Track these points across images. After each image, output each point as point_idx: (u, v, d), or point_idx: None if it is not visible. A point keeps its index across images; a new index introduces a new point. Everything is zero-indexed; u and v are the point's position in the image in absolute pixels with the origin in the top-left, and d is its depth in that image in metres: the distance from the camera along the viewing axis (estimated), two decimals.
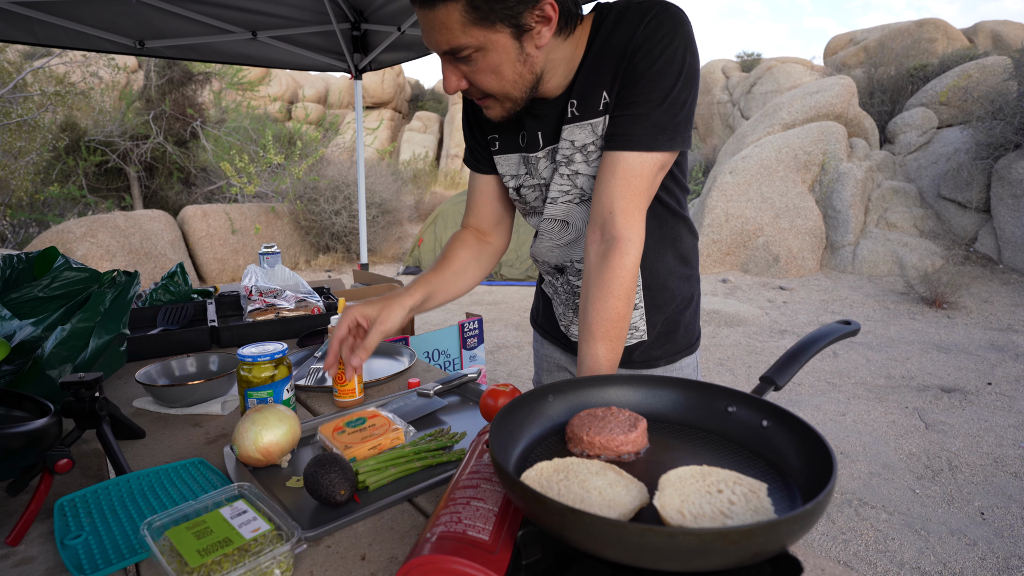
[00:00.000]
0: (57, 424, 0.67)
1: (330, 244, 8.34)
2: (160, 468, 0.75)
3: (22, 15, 2.23)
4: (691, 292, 0.97)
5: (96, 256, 6.20)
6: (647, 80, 0.74)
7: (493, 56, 0.71)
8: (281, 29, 2.84)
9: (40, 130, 8.23)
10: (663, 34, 0.74)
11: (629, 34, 0.75)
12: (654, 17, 0.74)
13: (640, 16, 0.75)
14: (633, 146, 0.76)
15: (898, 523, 2.13)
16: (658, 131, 0.76)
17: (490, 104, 0.79)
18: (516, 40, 0.71)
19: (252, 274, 1.51)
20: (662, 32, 0.74)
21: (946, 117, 7.79)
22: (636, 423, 0.61)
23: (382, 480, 0.70)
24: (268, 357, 0.85)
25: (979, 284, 5.66)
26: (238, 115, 10.37)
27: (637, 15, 0.75)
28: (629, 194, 0.76)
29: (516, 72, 0.74)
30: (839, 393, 3.38)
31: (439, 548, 0.47)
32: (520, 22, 0.69)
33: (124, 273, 1.09)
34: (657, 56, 0.74)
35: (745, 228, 6.96)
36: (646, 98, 0.75)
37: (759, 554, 0.40)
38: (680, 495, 0.49)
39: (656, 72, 0.74)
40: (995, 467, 2.51)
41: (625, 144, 0.76)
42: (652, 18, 0.74)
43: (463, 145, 1.16)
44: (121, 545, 0.60)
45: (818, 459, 0.50)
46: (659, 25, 0.74)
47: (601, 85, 0.78)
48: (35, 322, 0.96)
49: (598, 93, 0.79)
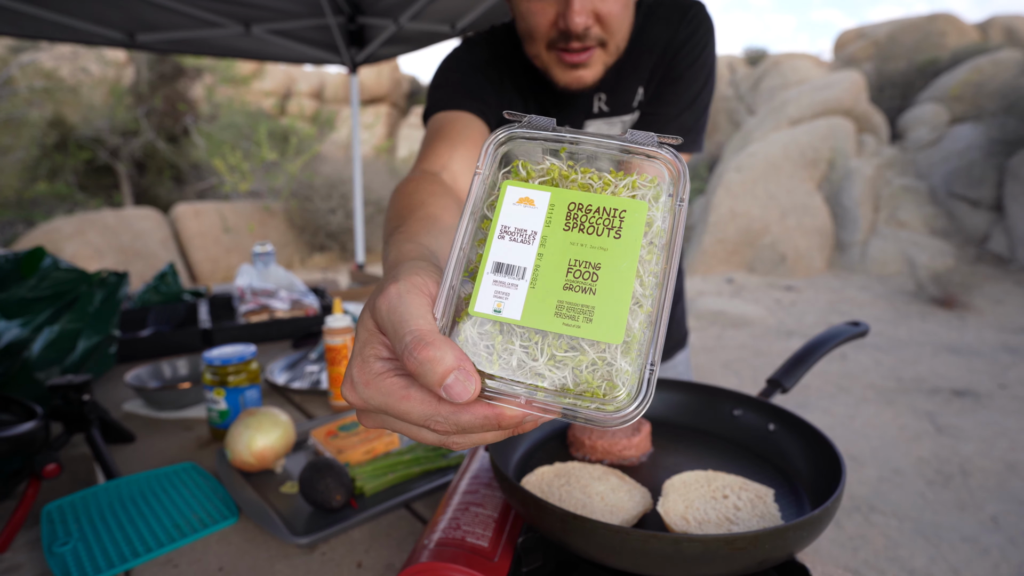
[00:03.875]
0: (45, 428, 0.66)
1: (325, 243, 8.30)
2: (151, 473, 0.74)
3: (8, 7, 2.19)
4: (680, 286, 0.98)
5: (85, 255, 6.14)
6: (685, 80, 0.74)
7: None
8: (275, 22, 2.80)
9: (27, 126, 8.14)
10: (703, 33, 0.73)
11: (671, 31, 0.74)
12: (695, 16, 0.73)
13: (681, 14, 0.74)
14: None
15: (908, 529, 2.11)
16: (684, 133, 0.75)
17: (596, 57, 0.69)
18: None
19: (245, 274, 1.49)
20: (702, 31, 0.73)
21: (958, 113, 7.76)
22: (639, 427, 0.60)
23: (379, 485, 0.69)
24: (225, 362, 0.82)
25: (991, 284, 5.66)
26: (231, 111, 10.28)
27: (677, 12, 0.74)
28: None
29: (631, 14, 0.70)
30: (848, 396, 3.37)
31: (437, 555, 0.46)
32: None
33: (113, 273, 1.07)
34: (696, 56, 0.73)
35: (751, 227, 6.96)
36: (680, 98, 0.74)
37: (765, 561, 0.39)
38: (684, 500, 0.48)
39: (693, 73, 0.74)
40: (1008, 472, 2.49)
41: None
42: (693, 16, 0.73)
43: None
44: (111, 552, 0.58)
45: (826, 464, 0.49)
46: (699, 25, 0.73)
47: (637, 81, 0.77)
48: (22, 323, 0.94)
49: (633, 89, 0.77)
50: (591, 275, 0.28)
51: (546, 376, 0.27)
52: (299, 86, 13.68)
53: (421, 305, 0.28)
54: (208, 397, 0.84)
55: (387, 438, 0.77)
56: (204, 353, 0.84)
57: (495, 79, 0.78)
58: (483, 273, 0.29)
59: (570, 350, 0.27)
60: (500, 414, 0.27)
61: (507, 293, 0.29)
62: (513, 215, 0.30)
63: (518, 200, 0.30)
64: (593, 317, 0.27)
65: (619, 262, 0.28)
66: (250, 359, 0.86)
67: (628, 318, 0.27)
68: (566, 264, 0.28)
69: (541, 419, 0.28)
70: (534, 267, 0.29)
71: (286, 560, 0.58)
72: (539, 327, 0.28)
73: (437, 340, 0.27)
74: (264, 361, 1.20)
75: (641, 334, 0.28)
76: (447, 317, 0.29)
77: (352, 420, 0.81)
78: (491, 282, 0.29)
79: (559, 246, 0.29)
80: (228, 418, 0.84)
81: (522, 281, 0.29)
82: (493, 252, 0.29)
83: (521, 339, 0.28)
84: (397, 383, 0.28)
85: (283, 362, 1.16)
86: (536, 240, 0.29)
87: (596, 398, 0.26)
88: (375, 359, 0.29)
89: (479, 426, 0.27)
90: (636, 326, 0.28)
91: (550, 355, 0.28)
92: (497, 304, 0.28)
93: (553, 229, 0.29)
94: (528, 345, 0.28)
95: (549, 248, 0.29)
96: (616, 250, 0.28)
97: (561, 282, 0.28)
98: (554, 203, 0.30)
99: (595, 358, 0.27)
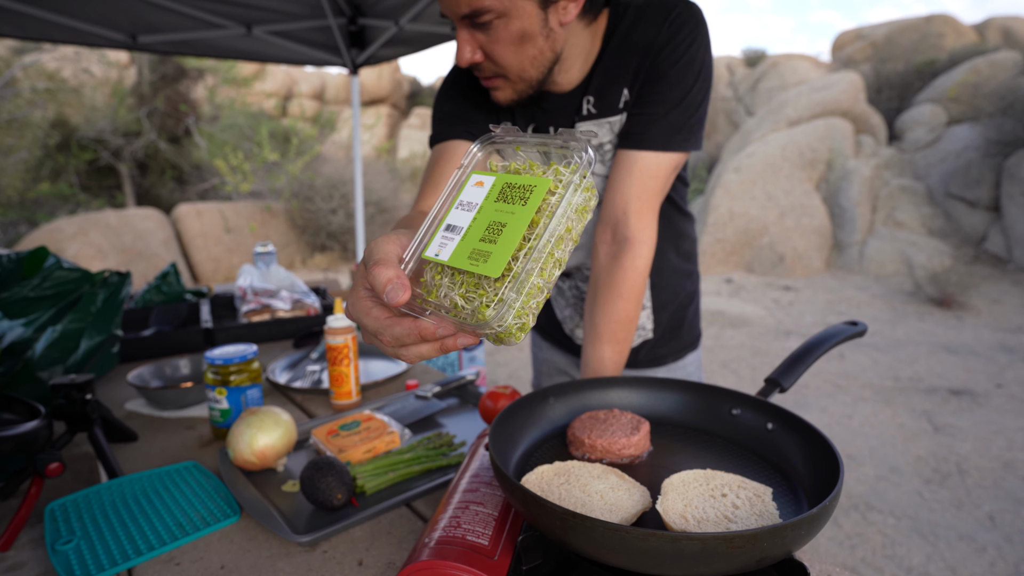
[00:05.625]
0: (48, 427, 0.66)
1: (326, 243, 8.31)
2: (153, 472, 0.74)
3: (11, 9, 2.20)
4: (693, 288, 0.97)
5: (87, 255, 6.15)
6: (669, 79, 0.74)
7: (516, 24, 0.67)
8: (276, 24, 2.81)
9: (30, 127, 8.16)
10: (687, 33, 0.73)
11: (653, 31, 0.74)
12: (679, 15, 0.73)
13: (664, 13, 0.74)
14: (651, 146, 0.75)
15: (906, 528, 2.11)
16: (675, 131, 0.75)
17: (500, 85, 0.74)
18: (542, 10, 0.68)
19: (247, 274, 1.50)
20: (686, 31, 0.73)
21: (955, 114, 7.76)
22: (639, 426, 0.60)
23: (380, 484, 0.69)
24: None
25: (989, 284, 5.66)
26: (232, 112, 10.30)
27: (661, 12, 0.74)
28: (645, 195, 0.75)
29: (537, 47, 0.70)
30: (846, 395, 3.37)
31: (438, 553, 0.46)
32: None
33: (116, 273, 1.07)
34: (680, 55, 0.73)
35: (750, 227, 6.95)
36: (665, 97, 0.74)
37: (764, 559, 0.39)
38: (683, 499, 0.48)
39: (678, 72, 0.73)
40: (1005, 471, 2.49)
41: (643, 143, 0.75)
42: (677, 16, 0.73)
43: None
44: (113, 550, 0.59)
45: (824, 463, 0.49)
46: (683, 23, 0.73)
47: (622, 82, 0.77)
48: (25, 323, 0.95)
49: (618, 90, 0.77)
50: (498, 231, 0.39)
51: (459, 304, 0.39)
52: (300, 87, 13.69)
53: (389, 246, 0.41)
54: (210, 396, 0.84)
55: (387, 438, 0.77)
56: (206, 352, 0.84)
57: (479, 101, 0.84)
58: (439, 231, 0.42)
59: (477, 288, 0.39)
60: (421, 325, 0.39)
61: (446, 244, 0.41)
62: (469, 193, 0.43)
63: (475, 183, 0.43)
64: (488, 260, 0.38)
65: (517, 222, 0.38)
66: (252, 358, 0.86)
67: (510, 260, 0.37)
68: (486, 224, 0.40)
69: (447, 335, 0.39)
70: (468, 227, 0.40)
71: (287, 558, 0.58)
72: (456, 265, 0.39)
73: (388, 263, 0.39)
74: (265, 361, 1.21)
75: (522, 273, 0.37)
76: (413, 261, 0.42)
77: (353, 419, 0.81)
78: (440, 237, 0.41)
79: (487, 212, 0.40)
80: (230, 417, 0.84)
81: (457, 236, 0.40)
82: (449, 217, 0.42)
83: (448, 277, 0.40)
84: (368, 304, 0.41)
85: (284, 361, 1.16)
86: (475, 209, 0.41)
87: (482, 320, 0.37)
88: (361, 288, 0.42)
89: (408, 336, 0.39)
90: (519, 267, 0.37)
91: (464, 289, 0.39)
92: (438, 251, 0.41)
93: (488, 201, 0.41)
94: (452, 284, 0.40)
95: (481, 214, 0.41)
96: (519, 213, 0.39)
97: (479, 236, 0.39)
98: (496, 184, 0.42)
99: (489, 292, 0.38)
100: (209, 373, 0.84)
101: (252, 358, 0.86)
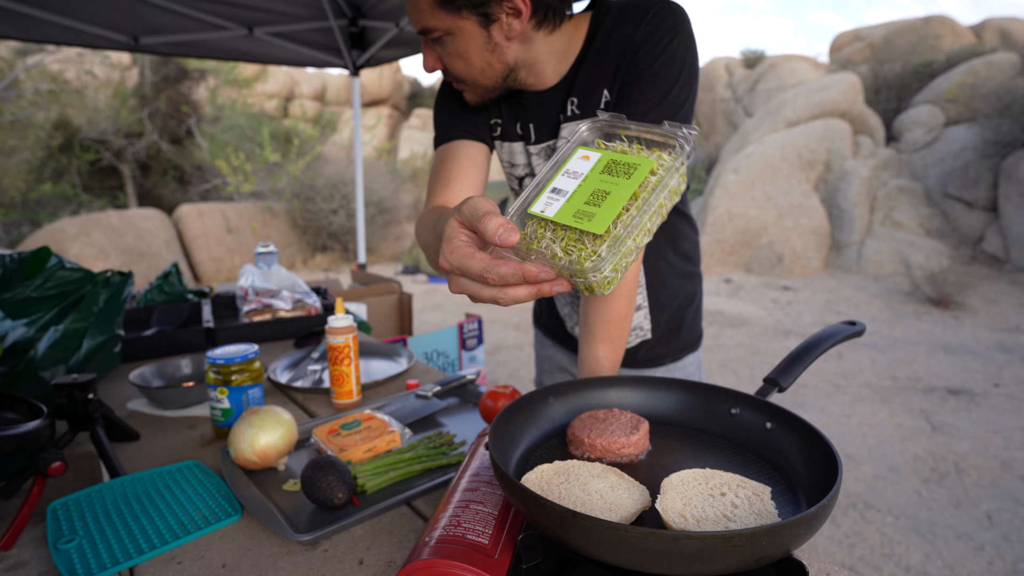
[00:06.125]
0: (50, 426, 0.66)
1: (327, 243, 8.32)
2: (155, 471, 0.74)
3: (14, 10, 2.21)
4: (694, 289, 0.97)
5: (90, 256, 6.17)
6: (647, 78, 0.74)
7: (460, 42, 0.73)
8: (277, 25, 2.82)
9: (33, 128, 8.18)
10: (664, 32, 0.73)
11: (631, 32, 0.74)
12: (656, 15, 0.73)
13: (642, 13, 0.74)
14: None
15: (904, 527, 2.11)
16: None
17: (464, 88, 0.80)
18: (483, 28, 0.72)
19: (248, 274, 1.50)
20: (663, 30, 0.73)
21: (953, 115, 7.74)
22: (638, 425, 0.60)
23: (380, 483, 0.69)
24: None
25: (986, 284, 5.65)
26: (234, 112, 10.32)
27: (638, 12, 0.74)
28: None
29: (484, 60, 0.75)
30: (844, 395, 3.37)
31: (438, 552, 0.46)
32: (486, 11, 0.70)
33: (118, 273, 1.08)
34: (658, 54, 0.73)
35: (748, 227, 6.95)
36: (646, 97, 0.74)
37: (763, 558, 0.40)
38: (683, 498, 0.48)
39: (656, 71, 0.73)
40: (1003, 470, 2.49)
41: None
42: (654, 16, 0.73)
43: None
44: (115, 549, 0.59)
45: (823, 462, 0.49)
46: (660, 23, 0.73)
47: (602, 83, 0.78)
48: (28, 323, 0.95)
49: (599, 91, 0.78)
50: (602, 197, 0.45)
51: (558, 255, 0.45)
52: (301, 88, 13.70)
53: (488, 202, 0.45)
54: (211, 396, 0.84)
55: (388, 437, 0.77)
56: (207, 352, 0.84)
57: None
58: (545, 191, 0.48)
59: (577, 243, 0.45)
60: (525, 267, 0.43)
61: (552, 203, 0.47)
62: (575, 163, 0.49)
63: (581, 156, 0.50)
64: (593, 219, 0.44)
65: (621, 192, 0.45)
66: (253, 358, 0.86)
67: (610, 224, 0.44)
68: (591, 191, 0.46)
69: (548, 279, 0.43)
70: (573, 192, 0.47)
71: (288, 557, 0.58)
72: (562, 221, 0.45)
73: (496, 212, 0.44)
74: (267, 360, 1.21)
75: (623, 234, 0.43)
76: (516, 216, 0.48)
77: (354, 418, 0.81)
78: (546, 197, 0.48)
79: (592, 181, 0.47)
80: (231, 416, 0.84)
81: (563, 198, 0.47)
82: (555, 182, 0.49)
83: (551, 231, 0.47)
84: (469, 250, 0.45)
85: (285, 361, 1.17)
86: (580, 178, 0.48)
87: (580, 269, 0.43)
88: (457, 239, 0.46)
89: (513, 276, 0.43)
90: (619, 230, 0.44)
91: (565, 243, 0.45)
92: (544, 208, 0.47)
93: (593, 172, 0.48)
94: (554, 237, 0.46)
95: (586, 182, 0.47)
96: (623, 185, 0.45)
97: (584, 200, 0.46)
98: (602, 159, 0.49)
99: (588, 247, 0.44)
100: (211, 373, 0.84)
101: (253, 358, 0.86)
